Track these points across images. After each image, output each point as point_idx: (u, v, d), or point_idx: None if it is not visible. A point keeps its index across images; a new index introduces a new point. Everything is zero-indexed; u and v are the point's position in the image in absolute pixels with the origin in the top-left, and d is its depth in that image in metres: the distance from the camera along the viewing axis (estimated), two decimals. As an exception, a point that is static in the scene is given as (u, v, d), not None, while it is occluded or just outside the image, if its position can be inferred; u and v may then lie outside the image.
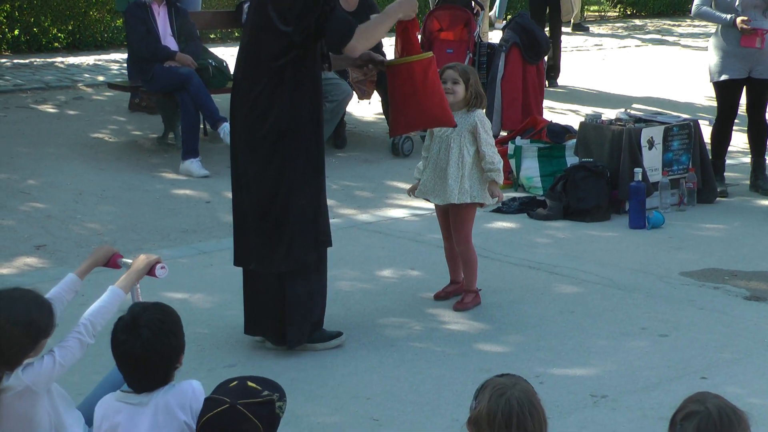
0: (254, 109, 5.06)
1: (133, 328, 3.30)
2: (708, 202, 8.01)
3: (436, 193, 5.75)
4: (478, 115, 5.72)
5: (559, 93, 12.58)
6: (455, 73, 5.67)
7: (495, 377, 2.89)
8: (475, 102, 5.71)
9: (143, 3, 9.10)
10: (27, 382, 3.42)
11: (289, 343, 5.18)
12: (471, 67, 5.96)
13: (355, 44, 5.04)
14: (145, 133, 10.12)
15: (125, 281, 3.82)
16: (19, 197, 8.02)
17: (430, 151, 5.79)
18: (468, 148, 5.67)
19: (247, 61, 5.14)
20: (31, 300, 3.46)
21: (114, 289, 3.75)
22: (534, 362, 5.06)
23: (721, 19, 8.00)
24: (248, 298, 5.28)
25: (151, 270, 3.89)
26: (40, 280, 6.24)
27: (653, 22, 20.41)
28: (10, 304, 3.42)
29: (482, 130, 5.68)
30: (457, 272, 5.93)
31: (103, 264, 4.04)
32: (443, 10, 10.10)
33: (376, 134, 10.10)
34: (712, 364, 5.07)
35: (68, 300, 3.85)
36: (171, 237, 7.16)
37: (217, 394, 3.31)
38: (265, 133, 5.04)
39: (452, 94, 5.63)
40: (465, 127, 5.67)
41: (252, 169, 5.09)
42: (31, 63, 14.09)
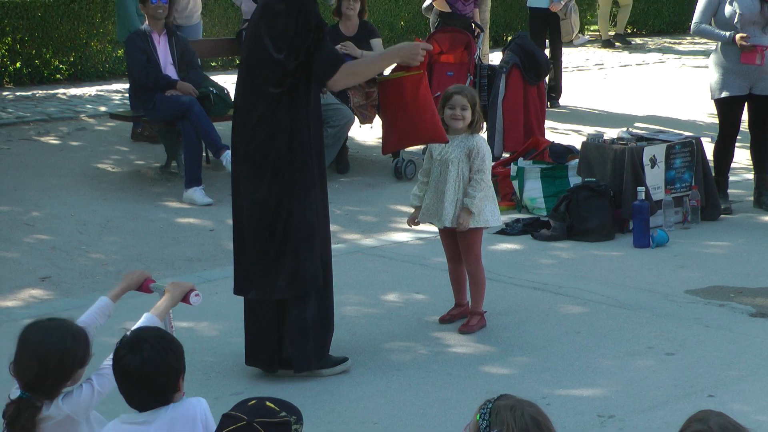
0: (254, 137, 5.07)
1: (134, 344, 3.30)
2: (712, 219, 7.99)
3: (437, 216, 5.75)
4: (478, 140, 5.74)
5: (561, 113, 12.59)
6: (464, 99, 5.68)
7: (496, 401, 2.88)
8: (477, 125, 5.74)
9: (143, 32, 9.14)
10: (67, 410, 3.44)
11: (296, 368, 5.16)
12: (474, 89, 5.97)
13: (338, 80, 5.06)
14: (148, 162, 10.14)
15: (160, 308, 3.82)
16: (24, 229, 8.03)
17: (431, 175, 5.79)
18: (466, 172, 5.69)
19: (245, 90, 5.17)
20: (67, 330, 3.48)
21: (149, 316, 3.75)
22: (540, 383, 5.05)
23: (720, 36, 8.01)
24: (249, 327, 5.27)
25: (186, 297, 3.90)
26: (46, 312, 6.24)
27: (654, 41, 20.45)
28: (46, 335, 3.44)
29: (478, 156, 5.69)
30: (462, 295, 5.92)
31: (136, 288, 4.06)
32: (443, 33, 10.13)
33: (378, 159, 10.11)
34: (719, 381, 5.05)
35: (101, 324, 3.86)
36: (175, 266, 7.16)
37: (235, 411, 3.31)
38: (266, 161, 5.05)
39: (461, 120, 5.66)
40: (464, 151, 5.68)
41: (253, 196, 5.10)
42: (34, 95, 14.14)
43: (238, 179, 5.19)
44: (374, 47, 9.74)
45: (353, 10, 9.76)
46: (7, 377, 5.16)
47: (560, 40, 12.67)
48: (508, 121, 9.79)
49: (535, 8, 12.80)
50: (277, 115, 5.03)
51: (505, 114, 9.80)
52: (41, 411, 3.41)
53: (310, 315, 5.16)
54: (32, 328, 3.52)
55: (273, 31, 5.02)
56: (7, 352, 5.46)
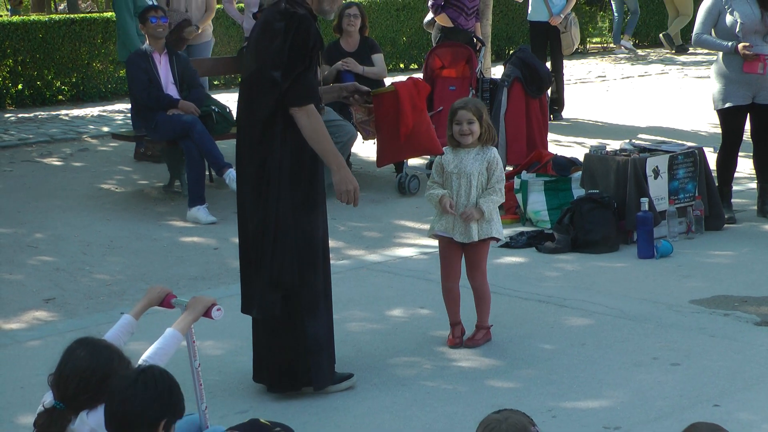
0: (255, 155, 5.07)
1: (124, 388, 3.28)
2: (716, 229, 7.98)
3: (458, 230, 5.68)
4: (495, 153, 5.72)
5: (564, 126, 12.61)
6: (469, 113, 5.63)
7: (491, 414, 2.89)
8: (488, 135, 5.68)
9: (144, 52, 9.16)
10: (92, 424, 3.45)
11: (317, 385, 5.16)
12: (479, 100, 5.94)
13: (296, 113, 4.97)
14: (151, 181, 10.15)
15: (182, 323, 3.82)
16: (27, 251, 8.04)
17: (450, 188, 5.69)
18: (485, 185, 5.66)
19: (246, 108, 5.17)
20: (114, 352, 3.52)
21: (172, 332, 3.76)
22: (546, 396, 5.03)
23: (722, 46, 8.01)
24: (255, 344, 5.27)
25: (208, 312, 3.90)
26: (50, 333, 6.26)
27: (656, 52, 20.46)
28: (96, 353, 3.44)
29: (497, 168, 5.68)
30: (456, 313, 5.85)
31: (157, 304, 4.06)
32: (444, 48, 10.15)
33: (382, 174, 10.11)
34: (725, 391, 5.03)
35: (125, 342, 3.87)
36: (180, 285, 7.16)
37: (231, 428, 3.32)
38: (269, 180, 5.04)
39: (470, 135, 5.62)
40: (483, 164, 5.65)
41: (258, 215, 5.08)
42: (36, 117, 14.18)
43: (244, 199, 5.18)
44: (376, 63, 9.76)
45: (354, 26, 9.78)
46: (15, 398, 5.21)
47: (561, 53, 12.71)
48: (510, 134, 9.80)
49: (536, 22, 12.85)
50: (279, 134, 5.02)
51: (507, 127, 9.81)
52: (68, 425, 3.43)
53: (323, 331, 5.16)
54: (83, 344, 3.52)
55: (270, 49, 5.01)
56: (13, 374, 5.54)
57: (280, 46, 4.98)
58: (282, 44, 4.97)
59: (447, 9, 11.17)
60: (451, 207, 5.62)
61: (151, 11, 9.24)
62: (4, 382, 5.51)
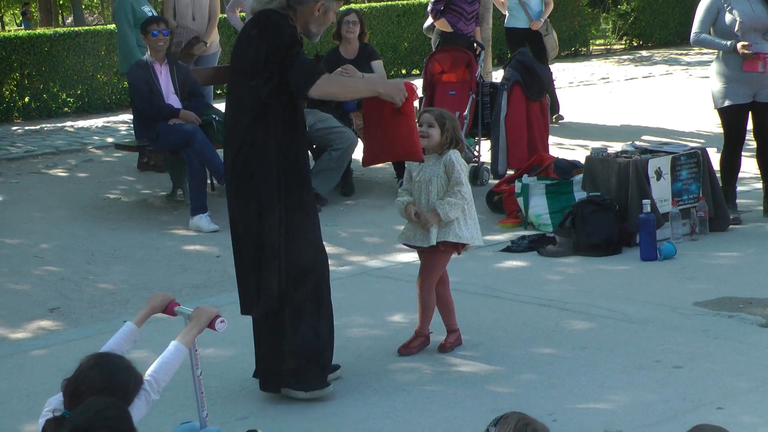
0: (237, 162, 5.08)
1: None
2: (721, 230, 7.94)
3: (419, 236, 5.64)
4: (451, 154, 5.61)
5: (567, 128, 12.60)
6: (431, 116, 5.61)
7: (513, 412, 2.94)
8: (450, 147, 5.62)
9: (145, 63, 9.19)
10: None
11: (309, 387, 5.15)
12: (451, 113, 5.88)
13: (315, 92, 5.00)
14: (154, 191, 10.18)
15: (187, 336, 3.82)
16: (33, 261, 8.07)
17: (413, 195, 5.68)
18: (445, 189, 5.59)
19: (229, 116, 5.19)
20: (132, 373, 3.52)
21: (177, 345, 3.76)
22: (547, 400, 5.02)
23: (721, 45, 7.99)
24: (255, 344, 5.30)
25: (211, 323, 3.90)
26: (55, 342, 6.28)
27: (660, 53, 20.46)
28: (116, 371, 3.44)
29: (454, 169, 5.56)
30: (452, 319, 5.83)
31: (160, 311, 4.06)
32: (444, 53, 10.16)
33: (383, 180, 10.12)
34: (728, 393, 5.00)
35: (128, 350, 3.86)
36: (182, 293, 7.17)
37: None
38: (252, 185, 5.05)
39: (427, 138, 5.57)
40: (441, 168, 5.60)
41: (244, 219, 5.11)
42: (42, 129, 14.24)
43: (232, 204, 5.20)
44: (375, 69, 9.77)
45: (353, 33, 9.79)
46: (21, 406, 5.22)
47: (545, 56, 12.59)
48: (511, 138, 9.80)
49: (514, 28, 12.75)
50: (257, 141, 5.02)
51: (508, 131, 9.81)
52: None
53: (314, 334, 5.16)
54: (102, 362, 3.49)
55: (246, 57, 5.03)
56: (18, 383, 5.56)
57: (254, 54, 4.99)
58: (257, 51, 4.98)
59: (446, 14, 11.19)
60: (416, 215, 5.58)
61: (152, 24, 9.26)
62: (10, 390, 5.53)
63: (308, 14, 5.09)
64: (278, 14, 5.04)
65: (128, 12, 10.65)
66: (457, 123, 5.73)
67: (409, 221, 5.66)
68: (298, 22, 5.09)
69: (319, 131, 9.40)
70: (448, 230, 5.58)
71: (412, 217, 5.59)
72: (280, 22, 5.02)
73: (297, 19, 5.09)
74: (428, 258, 5.70)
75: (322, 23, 5.14)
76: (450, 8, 11.17)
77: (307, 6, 5.07)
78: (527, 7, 12.52)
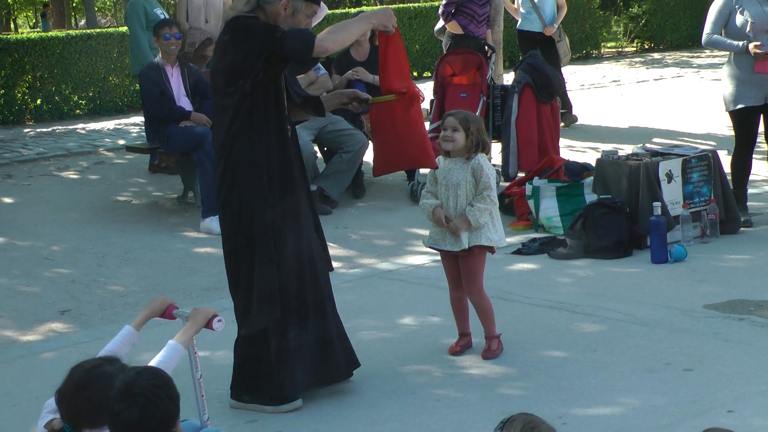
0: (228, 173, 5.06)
1: (127, 396, 3.21)
2: (732, 232, 7.93)
3: (448, 240, 5.63)
4: (480, 158, 5.60)
5: (577, 131, 12.58)
6: (455, 120, 5.57)
7: (521, 414, 2.93)
8: (476, 150, 5.59)
9: (156, 65, 9.21)
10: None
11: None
12: (475, 115, 5.86)
13: (322, 44, 4.94)
14: (165, 193, 10.20)
15: (184, 336, 3.81)
16: (44, 264, 8.09)
17: (439, 197, 5.67)
18: (474, 193, 5.58)
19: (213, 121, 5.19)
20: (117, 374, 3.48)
21: (174, 344, 3.74)
22: (557, 403, 5.01)
23: (733, 46, 7.97)
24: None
25: (209, 323, 3.90)
26: (65, 345, 6.29)
27: (671, 55, 20.42)
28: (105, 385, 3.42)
29: (483, 173, 5.55)
30: (465, 323, 5.83)
31: (159, 315, 4.06)
32: (455, 55, 10.14)
33: (394, 182, 10.12)
34: (739, 396, 4.99)
35: (126, 353, 3.85)
36: (193, 295, 7.18)
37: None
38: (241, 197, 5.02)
39: (451, 142, 5.56)
40: (468, 172, 5.58)
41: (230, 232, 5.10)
42: (54, 131, 14.27)
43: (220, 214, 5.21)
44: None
45: (364, 35, 9.77)
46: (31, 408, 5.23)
47: (557, 61, 12.57)
48: (522, 140, 9.79)
49: (527, 31, 12.76)
50: (242, 151, 4.99)
51: (518, 133, 9.80)
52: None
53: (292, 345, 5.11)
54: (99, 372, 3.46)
55: (224, 62, 5.00)
56: (28, 385, 5.57)
57: (231, 59, 4.96)
58: (233, 56, 4.95)
59: (457, 16, 11.18)
60: (446, 219, 5.56)
61: (165, 27, 9.27)
62: (20, 393, 5.54)
63: (275, 14, 5.05)
64: (246, 17, 5.03)
65: (140, 14, 10.68)
66: (481, 125, 5.70)
67: (439, 225, 5.63)
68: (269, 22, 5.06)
69: (330, 133, 9.40)
70: (480, 234, 5.58)
71: (443, 221, 5.57)
72: (248, 21, 5.01)
73: (267, 21, 5.04)
74: (465, 263, 5.67)
75: (290, 25, 5.05)
76: (461, 11, 11.15)
77: (274, 5, 5.04)
78: (541, 10, 12.51)
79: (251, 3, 5.05)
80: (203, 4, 10.82)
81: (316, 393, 5.26)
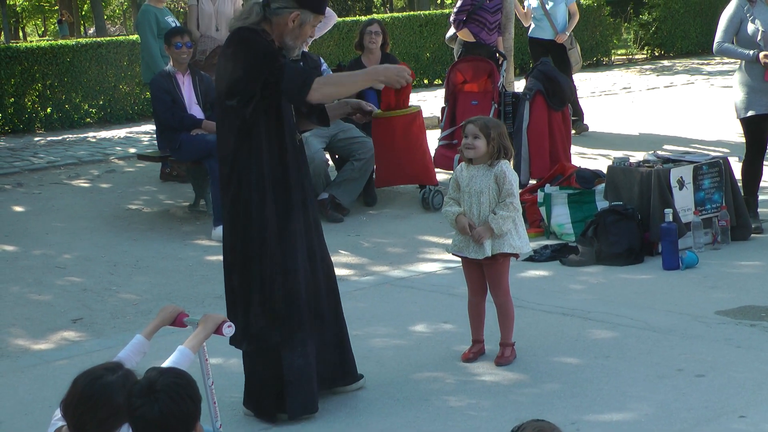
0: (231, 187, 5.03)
1: (149, 392, 3.25)
2: (743, 239, 7.93)
3: (472, 248, 5.61)
4: (503, 165, 5.58)
5: (588, 138, 12.58)
6: (475, 127, 5.55)
7: (531, 421, 2.92)
8: (499, 156, 5.57)
9: (168, 73, 9.24)
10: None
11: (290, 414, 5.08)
12: (496, 120, 5.82)
13: (315, 95, 4.87)
14: (176, 201, 10.22)
15: (194, 341, 3.81)
16: (55, 272, 8.11)
17: (462, 205, 5.65)
18: (497, 200, 5.57)
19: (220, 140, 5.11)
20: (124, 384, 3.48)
21: (183, 350, 3.75)
22: (569, 409, 5.01)
23: (743, 55, 7.97)
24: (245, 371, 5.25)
25: (219, 329, 3.91)
26: (77, 353, 6.30)
27: (681, 62, 20.40)
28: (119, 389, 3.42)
29: (506, 180, 5.54)
30: (479, 330, 5.82)
31: (170, 323, 4.07)
32: (466, 63, 10.16)
33: (405, 189, 10.11)
34: (750, 402, 4.99)
35: (137, 362, 3.85)
36: (205, 303, 7.19)
37: None
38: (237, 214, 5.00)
39: (473, 149, 5.55)
40: (492, 179, 5.56)
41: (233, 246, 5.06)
42: (64, 139, 14.31)
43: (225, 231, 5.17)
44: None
45: (375, 43, 9.80)
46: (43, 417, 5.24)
47: (569, 69, 12.59)
48: (533, 147, 9.79)
49: (539, 39, 12.78)
50: (245, 166, 4.96)
51: (530, 141, 9.80)
52: None
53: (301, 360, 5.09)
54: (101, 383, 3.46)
55: (224, 77, 4.95)
56: (41, 394, 5.58)
57: (231, 74, 4.91)
58: (233, 69, 4.90)
59: (469, 24, 11.20)
60: (470, 227, 5.56)
61: (177, 36, 9.29)
62: (33, 401, 5.55)
63: (283, 25, 4.98)
64: (251, 30, 4.95)
65: (152, 22, 10.71)
66: (503, 130, 5.67)
67: (462, 233, 5.63)
68: (274, 35, 4.99)
69: (342, 141, 9.41)
70: (503, 242, 5.58)
71: (467, 228, 5.57)
72: (252, 37, 4.91)
73: (273, 32, 4.99)
74: (489, 271, 5.67)
75: (297, 36, 5.01)
76: (472, 18, 11.17)
77: (281, 17, 4.97)
78: (553, 18, 12.52)
79: (258, 14, 4.98)
80: (214, 12, 10.85)
81: (329, 400, 5.27)
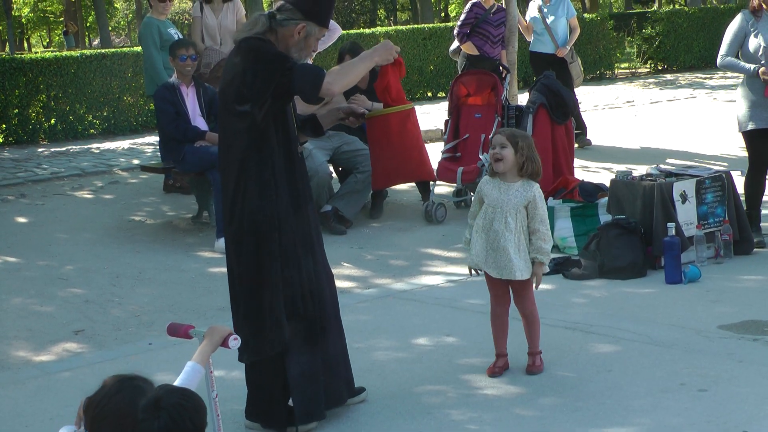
0: (227, 199, 5.01)
1: (154, 408, 3.26)
2: (745, 253, 7.93)
3: (490, 264, 5.56)
4: (537, 190, 5.51)
5: (592, 151, 12.59)
6: (502, 137, 5.49)
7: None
8: (528, 167, 5.48)
9: (171, 85, 9.25)
10: None
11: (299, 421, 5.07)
12: (523, 131, 5.75)
13: (329, 87, 4.88)
14: (180, 213, 10.22)
15: (202, 355, 3.81)
16: (58, 283, 8.11)
17: (482, 220, 5.58)
18: (524, 222, 5.50)
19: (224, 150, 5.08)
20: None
21: (193, 365, 3.74)
22: (572, 424, 5.00)
23: (745, 69, 7.99)
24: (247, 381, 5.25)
25: (225, 341, 3.91)
26: (79, 365, 6.29)
27: (684, 76, 20.42)
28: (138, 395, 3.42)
29: (538, 207, 5.49)
30: (503, 342, 5.76)
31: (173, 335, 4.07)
32: (470, 76, 10.17)
33: (408, 202, 10.12)
34: (753, 417, 4.98)
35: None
36: (207, 315, 7.19)
37: None
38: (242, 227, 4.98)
39: (501, 161, 5.48)
40: (522, 201, 5.48)
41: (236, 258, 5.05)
42: (68, 150, 14.33)
43: (228, 243, 5.14)
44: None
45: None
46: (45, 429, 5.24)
47: (571, 82, 12.60)
48: (536, 160, 9.78)
49: (539, 53, 12.81)
50: (245, 167, 4.93)
51: (533, 154, 9.79)
52: None
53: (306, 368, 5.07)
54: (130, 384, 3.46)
55: (233, 86, 4.93)
56: (42, 405, 5.58)
57: (241, 80, 4.88)
58: (243, 77, 4.87)
59: (472, 37, 11.22)
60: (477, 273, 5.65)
61: (182, 48, 9.31)
62: (35, 413, 5.55)
63: (288, 37, 4.97)
64: (258, 39, 4.95)
65: (155, 34, 10.73)
66: (530, 140, 5.60)
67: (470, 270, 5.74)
68: (279, 47, 4.99)
69: (345, 154, 9.40)
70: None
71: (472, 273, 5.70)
72: (260, 45, 4.93)
73: (278, 44, 4.99)
74: (514, 285, 5.64)
75: (302, 48, 5.01)
76: (476, 31, 11.19)
77: (287, 29, 4.97)
78: (553, 32, 12.54)
79: (264, 24, 4.98)
80: (217, 25, 10.88)
81: (331, 412, 5.25)
